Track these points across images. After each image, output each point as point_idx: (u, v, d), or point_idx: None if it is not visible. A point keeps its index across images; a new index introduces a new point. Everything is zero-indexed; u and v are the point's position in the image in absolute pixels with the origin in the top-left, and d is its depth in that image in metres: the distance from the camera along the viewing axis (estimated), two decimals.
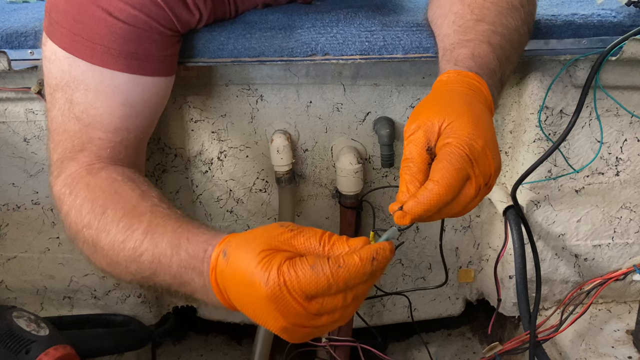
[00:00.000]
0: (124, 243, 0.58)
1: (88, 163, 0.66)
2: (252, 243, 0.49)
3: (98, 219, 0.60)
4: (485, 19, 0.66)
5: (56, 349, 0.71)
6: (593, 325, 0.99)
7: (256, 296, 0.47)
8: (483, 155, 0.52)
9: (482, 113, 0.55)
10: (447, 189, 0.50)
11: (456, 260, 1.08)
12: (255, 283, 0.47)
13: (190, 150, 0.96)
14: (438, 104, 0.55)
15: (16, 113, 0.89)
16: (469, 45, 0.63)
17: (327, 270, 0.46)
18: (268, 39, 0.77)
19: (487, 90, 0.59)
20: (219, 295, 0.52)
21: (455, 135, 0.52)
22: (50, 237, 1.00)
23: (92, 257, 0.62)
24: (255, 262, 0.47)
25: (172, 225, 0.57)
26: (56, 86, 0.67)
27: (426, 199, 0.50)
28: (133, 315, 1.05)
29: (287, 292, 0.46)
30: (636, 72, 0.82)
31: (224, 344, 1.26)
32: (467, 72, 0.59)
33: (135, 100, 0.68)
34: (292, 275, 0.46)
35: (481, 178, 0.52)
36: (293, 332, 0.49)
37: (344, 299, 0.48)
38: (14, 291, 1.06)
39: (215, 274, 0.51)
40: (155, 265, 0.56)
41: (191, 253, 0.54)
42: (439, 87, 0.60)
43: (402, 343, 1.24)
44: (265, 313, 0.48)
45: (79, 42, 0.64)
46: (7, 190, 0.96)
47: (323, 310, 0.48)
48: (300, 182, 0.98)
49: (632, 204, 0.95)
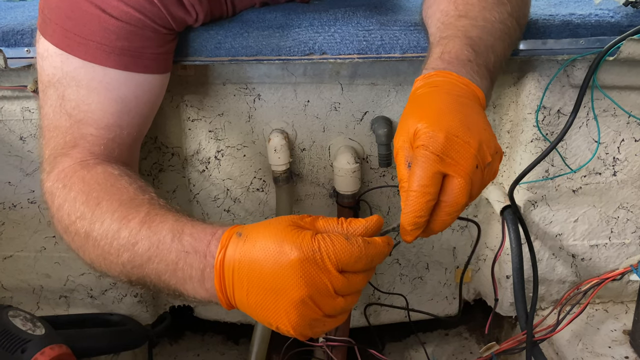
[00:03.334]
0: (119, 232, 0.57)
1: (82, 159, 0.65)
2: (275, 222, 0.51)
3: (92, 210, 0.59)
4: (467, 15, 0.67)
5: (52, 349, 0.70)
6: (590, 325, 1.00)
7: (281, 264, 0.48)
8: (450, 145, 0.52)
9: (443, 103, 0.55)
10: (422, 193, 0.52)
11: (453, 260, 1.08)
12: (285, 249, 0.48)
13: (187, 150, 0.95)
14: (405, 118, 0.56)
15: (12, 111, 0.89)
16: (442, 43, 0.64)
17: (361, 244, 0.49)
18: (265, 38, 0.77)
19: (456, 77, 0.59)
20: (218, 281, 0.51)
21: (419, 140, 0.53)
22: (47, 236, 1.00)
23: (82, 250, 0.61)
24: (284, 233, 0.49)
25: (173, 215, 0.57)
26: (48, 83, 0.67)
27: (409, 207, 0.53)
28: (129, 315, 1.05)
29: (321, 258, 0.47)
30: (633, 72, 0.82)
31: (221, 344, 1.26)
32: (431, 73, 0.60)
33: (127, 97, 0.68)
34: (328, 243, 0.48)
35: (462, 164, 0.52)
36: (305, 311, 0.48)
37: (363, 279, 0.50)
38: (9, 290, 1.06)
39: (224, 254, 0.50)
40: (150, 253, 0.55)
41: (196, 237, 0.53)
42: (410, 98, 0.61)
43: (399, 343, 1.24)
44: (287, 282, 0.48)
45: (71, 39, 0.64)
46: (3, 189, 0.96)
47: (345, 288, 0.49)
48: (297, 181, 0.98)
49: (629, 204, 0.95)
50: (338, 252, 0.48)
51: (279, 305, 0.48)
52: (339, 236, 0.49)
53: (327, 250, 0.48)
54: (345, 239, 0.48)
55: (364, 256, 0.49)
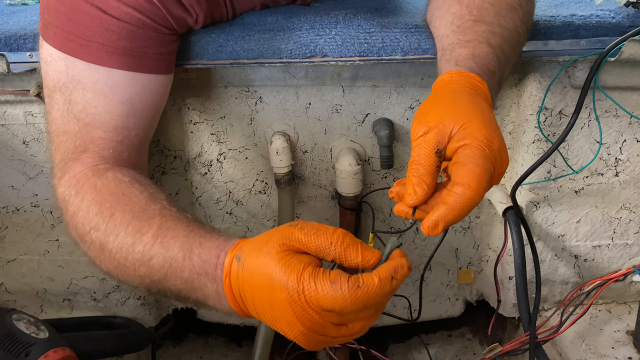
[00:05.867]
0: (133, 246, 0.57)
1: (92, 164, 0.66)
2: (266, 246, 0.49)
3: (106, 221, 0.60)
4: (483, 20, 0.66)
5: (56, 352, 0.70)
6: (593, 326, 0.99)
7: (275, 300, 0.47)
8: (500, 156, 0.52)
9: (490, 113, 0.55)
10: (477, 192, 0.49)
11: (456, 261, 1.07)
12: (275, 286, 0.46)
13: (189, 152, 0.96)
14: (446, 105, 0.55)
15: (15, 116, 0.89)
16: (469, 45, 0.62)
17: (346, 290, 0.45)
18: (267, 41, 0.77)
19: (487, 90, 0.59)
20: (233, 302, 0.52)
21: (472, 136, 0.51)
22: (50, 239, 1.00)
23: (99, 260, 0.62)
24: (272, 264, 0.47)
25: (184, 229, 0.57)
26: (54, 87, 0.67)
27: (459, 203, 0.49)
28: (133, 318, 1.05)
29: (306, 301, 0.46)
30: (635, 73, 0.82)
31: (224, 346, 1.26)
32: (469, 73, 0.59)
33: (133, 98, 0.68)
34: (312, 287, 0.45)
35: (496, 178, 0.52)
36: (311, 339, 0.48)
37: (364, 313, 0.47)
38: (13, 294, 1.06)
39: (230, 281, 0.51)
40: (166, 269, 0.56)
41: (204, 258, 0.54)
42: (442, 87, 0.59)
43: (402, 344, 1.24)
44: (284, 318, 0.47)
45: (73, 41, 0.64)
46: (7, 192, 0.96)
47: (343, 321, 0.48)
48: (299, 183, 0.98)
49: (631, 204, 0.95)
50: (320, 298, 0.45)
51: (285, 332, 0.49)
52: (325, 280, 0.45)
53: (309, 295, 0.45)
54: (330, 283, 0.45)
55: (351, 303, 0.45)
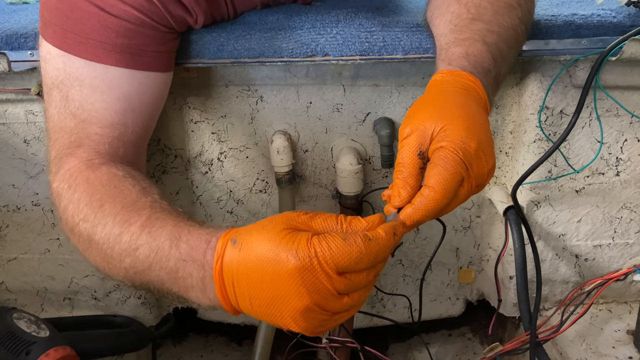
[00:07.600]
0: (120, 236, 0.56)
1: (87, 158, 0.66)
2: (269, 225, 0.48)
3: (95, 212, 0.59)
4: (481, 18, 0.66)
5: (56, 350, 0.70)
6: (593, 326, 0.99)
7: (280, 272, 0.46)
8: (476, 158, 0.52)
9: (476, 114, 0.55)
10: (443, 195, 0.50)
11: (456, 260, 1.07)
12: (281, 258, 0.46)
13: (190, 151, 0.96)
14: (431, 106, 0.55)
15: (16, 114, 0.89)
16: (464, 44, 0.63)
17: (360, 242, 0.46)
18: (268, 40, 0.77)
19: (481, 89, 0.59)
20: (220, 291, 0.50)
21: (448, 139, 0.51)
22: (51, 238, 1.00)
23: (87, 252, 0.61)
24: (278, 239, 0.46)
25: (173, 220, 0.56)
26: (52, 85, 0.67)
27: (423, 204, 0.51)
28: (133, 317, 1.05)
29: (318, 263, 0.45)
30: (636, 72, 0.82)
31: (224, 345, 1.26)
32: (461, 72, 0.59)
33: (130, 94, 0.68)
34: (324, 247, 0.45)
35: (474, 180, 0.52)
36: (312, 319, 0.47)
37: (367, 277, 0.48)
38: (14, 292, 1.06)
39: (222, 264, 0.49)
40: (151, 260, 0.54)
41: (192, 244, 0.52)
42: (433, 87, 0.60)
43: (403, 344, 1.24)
44: (288, 291, 0.46)
45: (71, 39, 0.64)
46: (7, 191, 0.96)
47: (349, 288, 0.47)
48: (300, 182, 0.98)
49: (632, 204, 0.95)
50: (335, 255, 0.45)
51: (285, 313, 0.47)
52: (336, 237, 0.46)
53: (323, 255, 0.45)
54: (343, 240, 0.46)
55: (365, 256, 0.46)
